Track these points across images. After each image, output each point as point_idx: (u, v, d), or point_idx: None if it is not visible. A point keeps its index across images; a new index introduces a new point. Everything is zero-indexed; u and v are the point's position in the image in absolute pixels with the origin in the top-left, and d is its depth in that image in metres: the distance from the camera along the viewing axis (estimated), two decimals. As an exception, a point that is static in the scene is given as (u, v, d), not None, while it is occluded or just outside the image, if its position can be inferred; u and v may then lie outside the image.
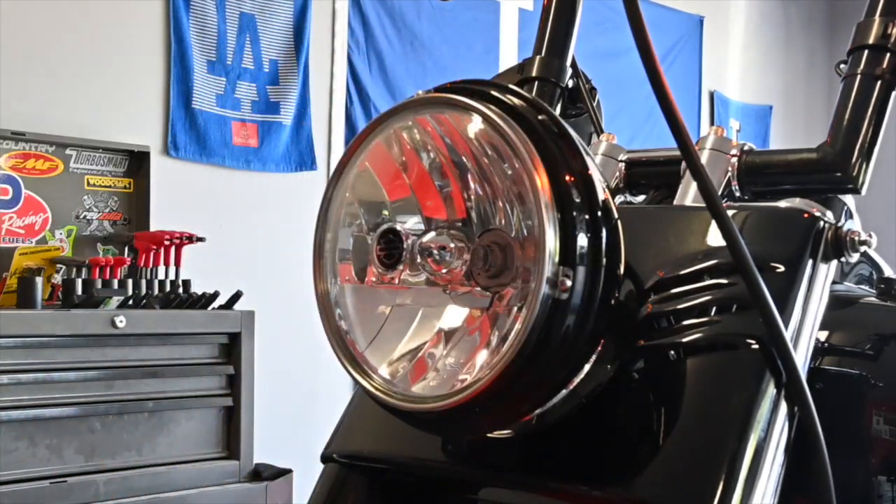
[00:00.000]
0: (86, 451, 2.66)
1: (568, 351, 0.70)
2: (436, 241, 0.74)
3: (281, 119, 3.86)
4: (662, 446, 0.73)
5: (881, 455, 1.03)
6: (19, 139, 3.10)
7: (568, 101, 1.13)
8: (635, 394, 0.77)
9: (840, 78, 0.91)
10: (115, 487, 2.66)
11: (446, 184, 0.76)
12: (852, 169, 0.88)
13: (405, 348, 0.76)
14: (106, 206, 3.32)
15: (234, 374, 2.95)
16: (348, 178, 0.78)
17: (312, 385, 3.95)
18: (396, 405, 0.74)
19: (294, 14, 3.90)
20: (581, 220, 0.69)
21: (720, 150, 0.94)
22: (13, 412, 2.52)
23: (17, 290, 2.88)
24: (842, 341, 1.06)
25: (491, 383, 0.68)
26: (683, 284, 0.79)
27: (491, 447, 0.80)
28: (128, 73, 3.48)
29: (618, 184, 1.04)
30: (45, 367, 2.60)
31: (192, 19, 3.61)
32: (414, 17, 4.30)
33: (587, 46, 1.27)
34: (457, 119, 0.73)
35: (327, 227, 0.79)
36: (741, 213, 0.83)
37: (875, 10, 0.90)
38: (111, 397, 2.71)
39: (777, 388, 0.74)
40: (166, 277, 3.18)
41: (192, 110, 3.61)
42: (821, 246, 0.81)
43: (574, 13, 1.12)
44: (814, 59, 6.71)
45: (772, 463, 0.73)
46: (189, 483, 2.82)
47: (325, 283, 0.79)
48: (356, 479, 0.90)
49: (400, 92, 4.20)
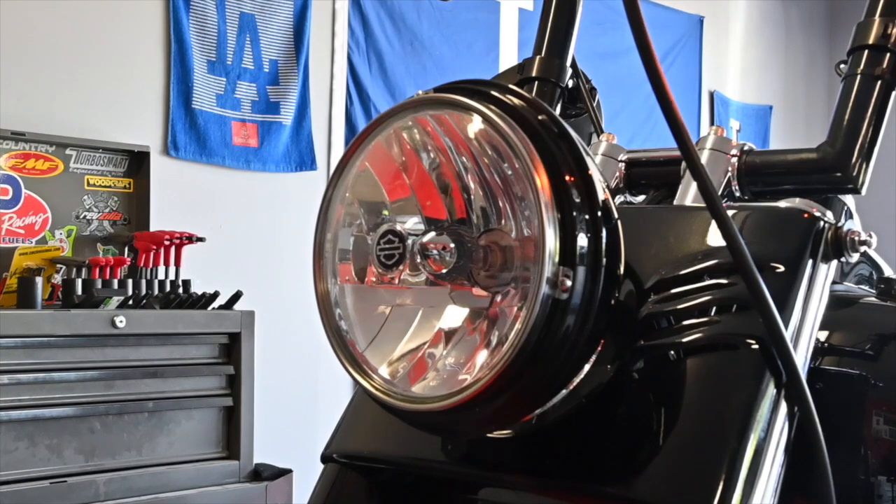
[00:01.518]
0: (86, 451, 2.66)
1: (568, 351, 0.70)
2: (436, 241, 0.74)
3: (281, 119, 3.86)
4: (662, 446, 0.73)
5: (881, 455, 1.03)
6: (19, 139, 3.10)
7: (568, 101, 1.13)
8: (635, 394, 0.77)
9: (840, 78, 0.91)
10: (115, 487, 2.66)
11: (446, 184, 0.76)
12: (852, 169, 0.88)
13: (405, 348, 0.76)
14: (106, 206, 3.31)
15: (234, 374, 2.95)
16: (348, 178, 0.78)
17: (312, 385, 3.95)
18: (396, 405, 0.74)
19: (294, 14, 3.90)
20: (581, 220, 0.69)
21: (720, 150, 0.94)
22: (13, 412, 2.52)
23: (17, 290, 2.88)
24: (842, 341, 1.06)
25: (491, 383, 0.68)
26: (683, 284, 0.79)
27: (491, 447, 0.80)
28: (128, 73, 3.48)
29: (618, 184, 1.04)
30: (45, 367, 2.60)
31: (192, 19, 3.61)
32: (414, 17, 4.29)
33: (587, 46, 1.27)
34: (457, 119, 0.73)
35: (327, 227, 0.79)
36: (741, 213, 0.83)
37: (875, 10, 0.90)
38: (111, 397, 2.71)
39: (777, 388, 0.74)
40: (166, 277, 3.18)
41: (192, 110, 3.61)
42: (821, 246, 0.81)
43: (574, 13, 1.12)
44: (814, 59, 6.71)
45: (772, 463, 0.73)
46: (189, 483, 2.82)
47: (325, 283, 0.79)
48: (356, 479, 0.90)
49: (400, 92, 4.20)
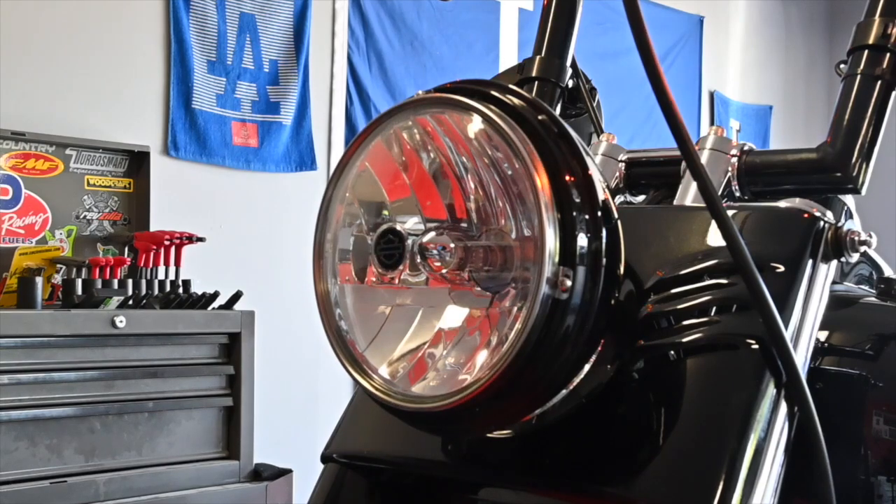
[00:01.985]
0: (86, 451, 2.65)
1: (568, 351, 0.70)
2: (436, 241, 0.74)
3: (281, 119, 3.86)
4: (662, 446, 0.73)
5: (881, 455, 1.03)
6: (19, 139, 3.10)
7: (568, 101, 1.13)
8: (635, 394, 0.77)
9: (840, 78, 0.91)
10: (115, 487, 2.66)
11: (446, 184, 0.76)
12: (852, 169, 0.88)
13: (405, 348, 0.76)
14: (106, 206, 3.31)
15: (234, 374, 2.95)
16: (348, 178, 0.78)
17: (312, 385, 3.95)
18: (396, 405, 0.74)
19: (294, 14, 3.90)
20: (581, 221, 0.69)
21: (720, 150, 0.94)
22: (13, 412, 2.52)
23: (17, 290, 2.88)
24: (842, 341, 1.06)
25: (491, 383, 0.68)
26: (683, 284, 0.79)
27: (491, 447, 0.80)
28: (128, 74, 3.48)
29: (618, 184, 1.04)
30: (45, 367, 2.60)
31: (192, 19, 3.61)
32: (414, 17, 4.29)
33: (587, 46, 1.27)
34: (457, 119, 0.73)
35: (327, 227, 0.79)
36: (741, 213, 0.83)
37: (875, 10, 0.90)
38: (111, 397, 2.71)
39: (777, 388, 0.74)
40: (166, 277, 3.18)
41: (192, 110, 3.61)
42: (821, 246, 0.81)
43: (574, 13, 1.12)
44: (814, 59, 6.71)
45: (772, 463, 0.73)
46: (189, 483, 2.82)
47: (325, 283, 0.79)
48: (356, 479, 0.90)
49: (400, 92, 4.20)
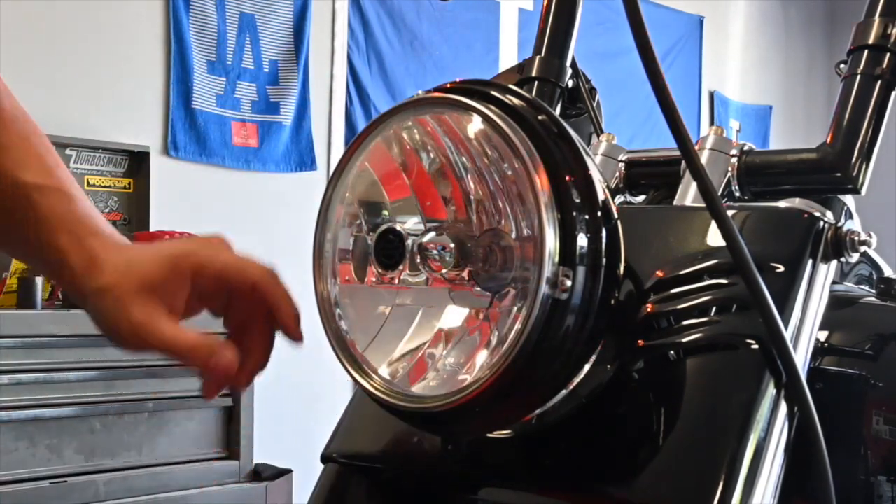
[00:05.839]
0: (86, 451, 2.65)
1: (568, 351, 0.70)
2: (436, 241, 0.74)
3: (281, 119, 3.86)
4: (662, 446, 0.73)
5: (881, 455, 1.03)
6: (19, 139, 3.09)
7: (568, 101, 1.13)
8: (635, 394, 0.77)
9: (840, 78, 0.91)
10: (115, 487, 2.66)
11: (446, 184, 0.76)
12: (852, 169, 0.88)
13: (405, 348, 0.76)
14: (106, 206, 3.31)
15: (234, 374, 2.94)
16: (348, 178, 0.78)
17: (312, 385, 3.94)
18: (396, 405, 0.74)
19: (294, 14, 3.90)
20: (581, 221, 0.69)
21: (720, 150, 0.94)
22: (13, 412, 2.52)
23: (17, 290, 2.87)
24: (842, 341, 1.06)
25: (491, 383, 0.68)
26: (683, 284, 0.79)
27: (491, 447, 0.80)
28: (128, 73, 3.47)
29: (618, 184, 1.04)
30: (45, 367, 2.60)
31: (192, 19, 3.61)
32: (414, 17, 4.29)
33: (587, 46, 1.27)
34: (457, 119, 0.73)
35: (327, 227, 0.79)
36: (741, 213, 0.83)
37: (875, 10, 0.90)
38: (111, 397, 2.71)
39: (777, 388, 0.74)
40: (166, 277, 3.17)
41: (192, 110, 3.61)
42: (821, 246, 0.81)
43: (574, 13, 1.12)
44: (814, 59, 6.71)
45: (772, 463, 0.73)
46: (189, 483, 2.82)
47: (325, 283, 0.78)
48: (356, 479, 0.90)
49: (400, 92, 4.20)
